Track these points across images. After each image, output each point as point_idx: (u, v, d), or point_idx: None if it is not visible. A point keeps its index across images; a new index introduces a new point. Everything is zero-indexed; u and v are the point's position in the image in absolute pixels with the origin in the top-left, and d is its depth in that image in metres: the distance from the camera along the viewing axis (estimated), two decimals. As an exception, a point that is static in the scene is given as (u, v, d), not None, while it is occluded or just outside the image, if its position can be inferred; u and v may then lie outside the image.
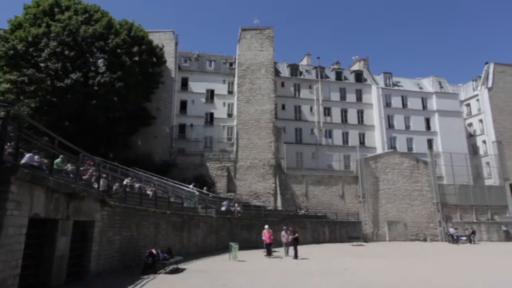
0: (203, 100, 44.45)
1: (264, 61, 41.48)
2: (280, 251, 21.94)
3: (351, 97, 48.06)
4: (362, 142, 46.14)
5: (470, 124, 49.97)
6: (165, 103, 40.89)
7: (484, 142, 47.01)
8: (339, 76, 49.10)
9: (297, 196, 38.16)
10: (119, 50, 32.83)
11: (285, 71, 48.19)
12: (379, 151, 44.71)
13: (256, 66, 41.34)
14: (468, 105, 50.75)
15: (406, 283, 13.36)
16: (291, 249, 20.76)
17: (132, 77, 33.00)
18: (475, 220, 39.07)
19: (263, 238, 20.98)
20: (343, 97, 47.92)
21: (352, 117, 47.32)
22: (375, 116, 47.29)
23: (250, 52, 41.83)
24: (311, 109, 46.45)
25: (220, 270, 15.49)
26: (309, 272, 15.79)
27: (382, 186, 39.05)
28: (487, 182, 44.42)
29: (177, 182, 29.89)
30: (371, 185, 38.81)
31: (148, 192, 21.08)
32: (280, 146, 40.10)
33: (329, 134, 46.23)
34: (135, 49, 33.72)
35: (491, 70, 47.62)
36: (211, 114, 44.15)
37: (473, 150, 48.09)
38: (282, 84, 46.66)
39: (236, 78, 42.89)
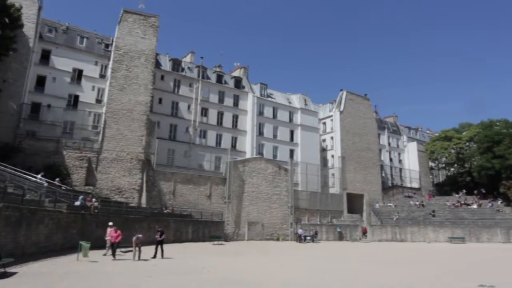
0: (68, 79, 39.35)
1: (145, 50, 39.32)
2: (141, 250, 20.99)
3: (228, 101, 49.75)
4: (234, 146, 48.22)
5: (324, 140, 57.81)
6: (16, 75, 34.38)
7: (332, 156, 55.00)
8: (220, 79, 50.28)
9: (164, 194, 37.25)
10: (-44, 0, 26.28)
11: (166, 65, 46.72)
12: (248, 155, 47.49)
13: (136, 53, 38.86)
14: (325, 123, 58.64)
15: (257, 279, 14.53)
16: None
17: (-28, 36, 26.79)
18: (318, 223, 45.28)
19: (108, 237, 19.28)
20: (221, 100, 49.21)
21: (228, 121, 49.03)
22: (248, 122, 50.07)
23: (131, 37, 39.10)
24: (188, 107, 46.19)
25: (63, 272, 13.85)
26: (166, 271, 15.61)
27: (247, 188, 41.52)
28: (331, 190, 52.11)
29: (20, 170, 25.44)
30: (237, 187, 40.82)
31: (-22, 179, 17.39)
32: (152, 140, 38.57)
33: (203, 134, 46.77)
34: (-20, 1, 27.52)
35: (344, 97, 56.19)
36: (76, 97, 39.43)
37: (324, 162, 55.70)
38: (162, 78, 45.13)
39: (111, 62, 39.40)
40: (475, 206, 49.74)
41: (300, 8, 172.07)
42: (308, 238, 40.21)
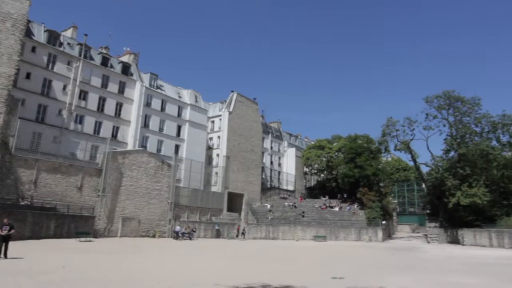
0: None
1: (13, 14, 33.33)
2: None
3: (113, 87, 46.05)
4: (115, 135, 44.85)
5: (211, 138, 58.42)
6: None
7: (217, 155, 55.97)
8: (105, 62, 46.12)
9: (23, 183, 32.15)
10: None
11: (40, 36, 40.59)
12: (130, 147, 44.77)
13: (0, 15, 32.70)
14: (213, 122, 59.33)
15: (125, 277, 13.73)
16: None
17: None
18: (198, 220, 45.47)
19: None
20: (105, 85, 45.23)
21: (110, 108, 45.32)
22: (133, 112, 47.19)
23: (-5, -5, 32.73)
24: (64, 87, 41.11)
25: None
26: (16, 272, 13.57)
27: (125, 182, 39.01)
28: (213, 189, 52.94)
29: None
30: (114, 180, 37.98)
31: None
32: (13, 120, 32.94)
33: (80, 120, 42.26)
34: None
35: (234, 98, 57.88)
36: None
37: (209, 160, 56.26)
38: (33, 49, 39.09)
39: (-38, 20, 32.27)
40: (337, 208, 56.87)
41: (198, 4, 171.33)
42: (186, 235, 40.01)
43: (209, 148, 57.22)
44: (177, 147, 51.13)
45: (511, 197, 48.52)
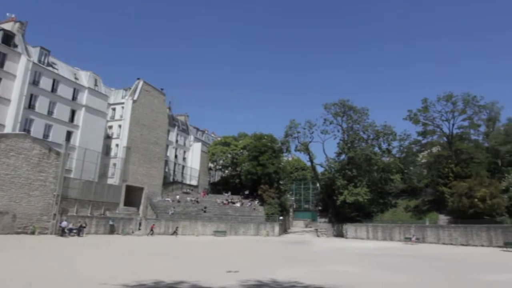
0: None
1: None
2: None
3: (-10, 58, 38.99)
4: (-12, 115, 38.05)
5: (111, 127, 53.87)
6: None
7: (117, 145, 51.86)
8: (-20, 26, 38.77)
9: None
10: None
11: None
12: (8, 130, 38.47)
13: None
14: (114, 109, 54.83)
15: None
16: None
17: None
18: (89, 214, 41.50)
19: None
20: (-22, 54, 38.00)
21: (-16, 82, 38.27)
22: (15, 90, 40.63)
23: None
24: None
25: None
26: None
27: (-1, 170, 33.44)
28: (110, 181, 48.90)
29: None
30: (-17, 167, 32.21)
31: None
32: None
33: None
34: None
35: (139, 86, 54.44)
36: None
37: (107, 150, 51.81)
38: None
39: None
40: (238, 204, 58.06)
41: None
42: (74, 231, 36.18)
43: (108, 137, 52.74)
44: (69, 134, 45.79)
45: (386, 196, 56.18)
